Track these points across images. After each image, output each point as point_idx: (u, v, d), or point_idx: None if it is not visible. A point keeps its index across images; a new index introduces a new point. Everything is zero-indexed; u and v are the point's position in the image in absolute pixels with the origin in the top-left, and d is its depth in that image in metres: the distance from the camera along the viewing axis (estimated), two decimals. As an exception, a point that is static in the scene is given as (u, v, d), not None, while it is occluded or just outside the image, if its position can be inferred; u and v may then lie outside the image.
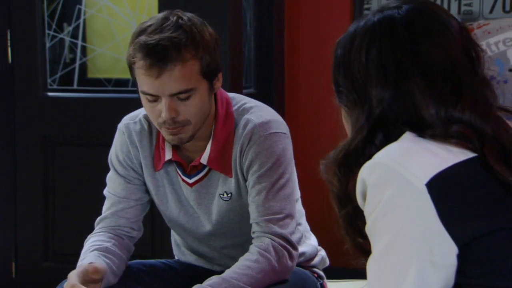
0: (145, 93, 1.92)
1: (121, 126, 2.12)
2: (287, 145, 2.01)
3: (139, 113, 2.11)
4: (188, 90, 1.89)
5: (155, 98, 1.91)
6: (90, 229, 2.14)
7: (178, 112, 1.91)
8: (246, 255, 1.93)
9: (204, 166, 2.03)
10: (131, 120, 2.11)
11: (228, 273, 1.89)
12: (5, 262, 3.79)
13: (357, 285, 2.50)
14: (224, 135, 2.00)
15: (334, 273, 2.43)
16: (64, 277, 2.05)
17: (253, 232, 1.98)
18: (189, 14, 1.94)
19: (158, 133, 2.05)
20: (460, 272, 1.21)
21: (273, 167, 1.97)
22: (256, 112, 2.02)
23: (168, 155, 2.03)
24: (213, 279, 1.87)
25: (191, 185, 2.05)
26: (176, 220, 2.11)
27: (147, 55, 1.85)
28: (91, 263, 1.90)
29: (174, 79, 1.87)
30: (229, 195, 2.03)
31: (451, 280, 1.21)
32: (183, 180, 2.06)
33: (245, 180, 2.01)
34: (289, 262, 1.94)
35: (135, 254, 2.14)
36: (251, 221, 1.99)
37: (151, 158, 2.07)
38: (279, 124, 2.02)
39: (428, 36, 1.31)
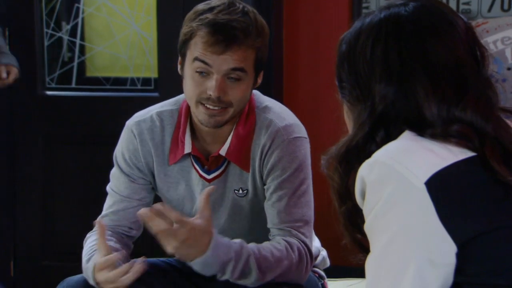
0: (201, 62, 1.91)
1: (130, 123, 2.10)
2: (308, 150, 2.03)
3: (150, 110, 2.11)
4: (243, 69, 1.92)
5: (208, 72, 1.92)
6: (89, 227, 2.13)
7: (225, 93, 1.92)
8: (273, 243, 1.94)
9: (223, 162, 2.03)
10: (141, 118, 2.10)
11: (252, 247, 1.89)
12: (4, 261, 3.79)
13: (357, 283, 2.50)
14: (245, 130, 2.01)
15: (334, 271, 2.43)
16: (63, 275, 2.05)
17: (274, 235, 1.98)
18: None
19: (176, 126, 2.05)
20: (459, 270, 1.21)
21: (295, 173, 1.98)
22: (279, 113, 2.04)
23: (187, 148, 2.03)
24: (240, 243, 1.87)
25: (209, 180, 2.05)
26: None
27: (216, 31, 1.89)
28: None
29: (235, 58, 1.90)
30: (245, 191, 2.03)
31: (450, 279, 1.22)
32: (200, 175, 2.05)
33: (263, 182, 2.01)
34: (304, 272, 1.95)
35: (135, 253, 2.14)
36: (269, 226, 1.99)
37: (164, 153, 2.07)
38: (301, 128, 2.04)
39: (434, 34, 1.31)
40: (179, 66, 2.01)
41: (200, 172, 2.05)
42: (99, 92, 3.84)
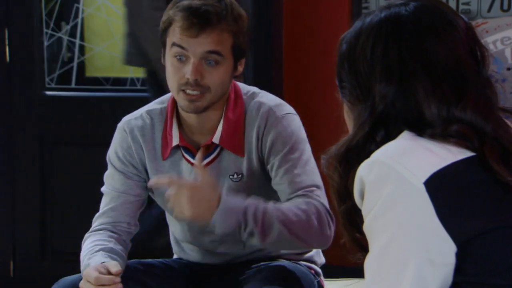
0: (177, 46, 1.97)
1: (121, 124, 2.14)
2: (301, 124, 2.09)
3: (139, 111, 2.15)
4: (219, 53, 1.97)
5: (185, 57, 1.97)
6: (87, 228, 2.13)
7: (203, 76, 1.97)
8: (288, 202, 1.96)
9: (214, 148, 2.05)
10: (131, 117, 2.14)
11: (267, 203, 1.91)
12: (3, 261, 3.79)
13: (355, 283, 2.50)
14: (235, 116, 2.05)
15: (332, 271, 2.43)
16: (62, 276, 2.05)
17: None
18: None
19: (165, 122, 2.09)
20: (458, 270, 1.21)
21: (295, 145, 2.02)
22: (266, 96, 2.10)
23: (175, 140, 2.07)
24: (252, 198, 1.91)
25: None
26: None
27: (190, 15, 1.95)
28: (103, 262, 1.91)
29: (210, 41, 1.96)
30: (240, 176, 2.05)
31: (449, 278, 1.21)
32: (193, 164, 2.07)
33: (262, 162, 2.04)
34: (328, 231, 1.95)
35: (133, 253, 2.14)
36: (285, 198, 2.00)
37: (155, 150, 2.09)
38: (289, 106, 2.10)
39: (434, 34, 1.31)
40: (162, 59, 2.05)
41: (192, 161, 2.06)
42: (99, 92, 3.85)
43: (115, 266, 1.87)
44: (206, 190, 1.85)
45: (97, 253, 1.98)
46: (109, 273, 1.86)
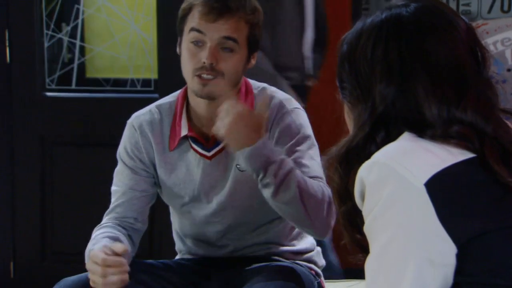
0: (196, 31, 2.01)
1: (130, 120, 2.18)
2: (308, 120, 2.12)
3: (150, 106, 2.18)
4: (235, 40, 2.01)
5: (202, 42, 2.01)
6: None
7: (218, 61, 2.00)
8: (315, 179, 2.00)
9: None
10: (140, 113, 2.18)
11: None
12: (4, 262, 3.79)
13: (356, 284, 2.50)
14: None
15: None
16: (63, 276, 2.05)
17: None
18: None
19: (174, 114, 2.12)
20: (458, 270, 1.21)
21: (302, 139, 2.06)
22: (276, 91, 2.15)
23: (184, 130, 2.10)
24: (287, 159, 1.94)
25: (210, 158, 2.08)
26: (189, 198, 2.14)
27: (210, 0, 2.00)
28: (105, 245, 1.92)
29: (227, 27, 2.00)
30: None
31: (450, 279, 1.21)
32: (201, 154, 2.09)
33: None
34: (331, 220, 1.97)
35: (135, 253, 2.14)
36: None
37: (163, 142, 2.12)
38: (297, 102, 2.14)
39: (435, 34, 1.31)
40: (177, 48, 2.09)
41: (200, 151, 2.09)
42: (99, 94, 3.85)
43: (120, 247, 1.89)
44: (253, 121, 1.89)
45: (103, 239, 2.00)
46: (115, 254, 1.87)
